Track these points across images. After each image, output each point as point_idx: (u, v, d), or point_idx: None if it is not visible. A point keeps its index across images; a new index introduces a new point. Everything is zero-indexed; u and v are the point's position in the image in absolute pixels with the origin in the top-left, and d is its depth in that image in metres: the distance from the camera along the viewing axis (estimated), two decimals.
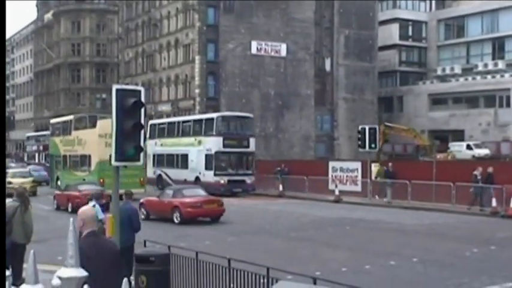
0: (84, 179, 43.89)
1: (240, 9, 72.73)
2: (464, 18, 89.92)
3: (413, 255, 20.48)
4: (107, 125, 45.82)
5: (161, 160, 55.61)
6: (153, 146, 55.71)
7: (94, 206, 16.60)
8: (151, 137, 56.24)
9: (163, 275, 12.71)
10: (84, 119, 51.90)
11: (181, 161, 52.64)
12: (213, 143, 48.75)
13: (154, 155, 55.94)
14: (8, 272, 5.89)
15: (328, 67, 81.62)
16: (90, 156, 45.88)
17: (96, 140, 44.09)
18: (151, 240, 14.99)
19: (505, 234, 26.27)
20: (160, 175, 54.72)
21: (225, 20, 72.91)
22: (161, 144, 55.74)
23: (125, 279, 5.02)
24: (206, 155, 49.03)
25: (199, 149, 49.87)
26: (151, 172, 54.87)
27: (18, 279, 11.16)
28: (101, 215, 16.31)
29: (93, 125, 47.05)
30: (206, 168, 48.91)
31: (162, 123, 59.63)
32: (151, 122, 59.80)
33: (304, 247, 23.07)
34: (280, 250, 22.03)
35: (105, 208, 17.19)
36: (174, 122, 57.74)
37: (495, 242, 23.52)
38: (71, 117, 52.78)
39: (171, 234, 25.06)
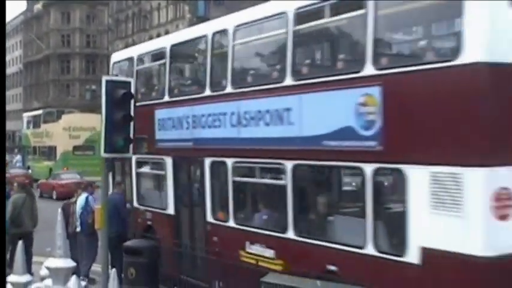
0: (51, 169, 47.76)
1: (229, 2, 72.66)
2: None
3: None
4: (72, 119, 50.85)
5: None
6: None
7: (87, 197, 16.50)
8: None
9: (152, 267, 12.73)
10: (53, 113, 55.42)
11: None
12: None
13: None
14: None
15: None
16: (55, 147, 49.77)
17: (61, 133, 49.12)
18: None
19: None
20: None
21: (215, 12, 72.68)
22: None
23: (113, 270, 5.01)
24: None
25: None
26: None
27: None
28: (96, 206, 16.21)
29: (60, 119, 51.78)
30: None
31: None
32: None
33: None
34: None
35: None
36: None
37: None
38: (40, 111, 57.55)
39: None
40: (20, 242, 5.23)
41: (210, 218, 13.14)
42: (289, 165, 10.96)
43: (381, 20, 9.63)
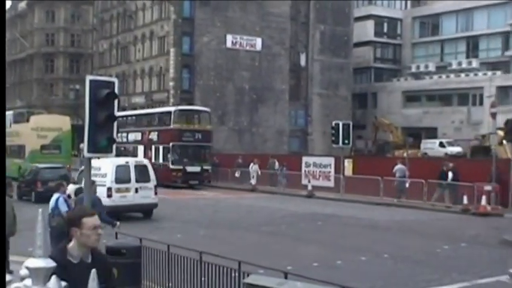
0: (20, 166, 49.15)
1: (215, 2, 72.59)
2: (439, 17, 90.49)
3: (385, 251, 20.58)
4: (40, 120, 55.04)
5: None
6: None
7: (58, 198, 16.19)
8: None
9: (134, 268, 12.67)
10: (23, 114, 59.76)
11: None
12: None
13: None
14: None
15: (303, 62, 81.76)
16: (24, 146, 52.82)
17: (29, 133, 52.31)
18: (122, 232, 14.93)
19: (475, 231, 26.48)
20: None
21: (201, 13, 72.74)
22: None
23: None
24: None
25: None
26: None
27: None
28: (64, 209, 15.85)
29: (29, 120, 55.18)
30: None
31: None
32: None
33: (276, 242, 23.09)
34: (252, 244, 22.04)
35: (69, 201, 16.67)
36: None
37: (465, 239, 23.70)
38: (10, 112, 59.97)
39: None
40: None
41: None
42: None
43: None
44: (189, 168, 48.27)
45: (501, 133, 43.78)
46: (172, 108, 51.86)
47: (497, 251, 21.54)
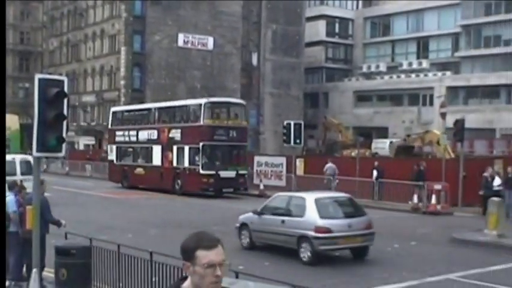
0: None
1: (167, 1, 72.32)
2: (390, 17, 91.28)
3: None
4: None
5: None
6: None
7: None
8: None
9: (84, 268, 12.55)
10: None
11: None
12: None
13: None
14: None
15: (255, 61, 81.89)
16: None
17: None
18: (72, 232, 14.77)
19: (425, 230, 26.74)
20: None
21: (152, 11, 72.42)
22: None
23: (34, 271, 4.93)
24: None
25: None
26: None
27: None
28: (12, 209, 15.36)
29: None
30: None
31: None
32: None
33: (227, 241, 23.01)
34: None
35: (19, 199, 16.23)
36: None
37: (416, 238, 23.92)
38: None
39: None
40: None
41: None
42: None
43: None
44: (223, 173, 40.65)
45: (437, 132, 44.42)
46: (202, 101, 43.30)
47: (446, 249, 21.79)
